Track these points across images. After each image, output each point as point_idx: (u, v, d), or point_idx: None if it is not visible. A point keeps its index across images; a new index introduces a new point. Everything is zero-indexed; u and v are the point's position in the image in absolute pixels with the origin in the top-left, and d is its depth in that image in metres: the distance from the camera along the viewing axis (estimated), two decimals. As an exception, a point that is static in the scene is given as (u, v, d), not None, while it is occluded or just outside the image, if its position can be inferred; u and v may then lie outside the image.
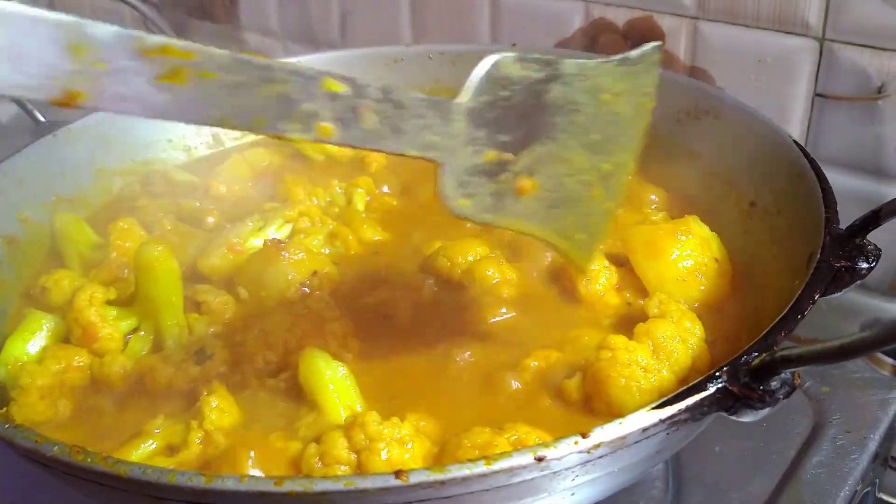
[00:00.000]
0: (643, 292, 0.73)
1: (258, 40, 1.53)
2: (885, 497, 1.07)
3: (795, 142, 0.75)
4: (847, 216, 0.63)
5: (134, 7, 1.01)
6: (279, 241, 0.74)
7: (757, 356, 0.52)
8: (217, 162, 0.96)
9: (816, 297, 0.57)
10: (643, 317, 0.68)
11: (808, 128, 1.01)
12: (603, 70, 0.59)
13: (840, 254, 0.61)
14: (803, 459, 0.79)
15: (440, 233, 0.80)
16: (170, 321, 0.70)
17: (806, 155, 0.73)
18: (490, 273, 0.73)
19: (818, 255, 0.61)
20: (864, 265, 0.60)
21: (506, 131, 0.55)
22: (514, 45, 1.01)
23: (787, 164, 0.75)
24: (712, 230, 0.78)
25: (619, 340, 0.63)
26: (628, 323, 0.68)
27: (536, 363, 0.67)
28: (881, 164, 0.97)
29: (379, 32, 1.35)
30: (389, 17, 1.32)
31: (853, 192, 1.00)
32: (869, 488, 0.83)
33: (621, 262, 0.75)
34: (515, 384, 0.66)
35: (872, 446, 0.81)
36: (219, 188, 0.88)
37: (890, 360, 1.04)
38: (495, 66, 0.54)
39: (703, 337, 0.67)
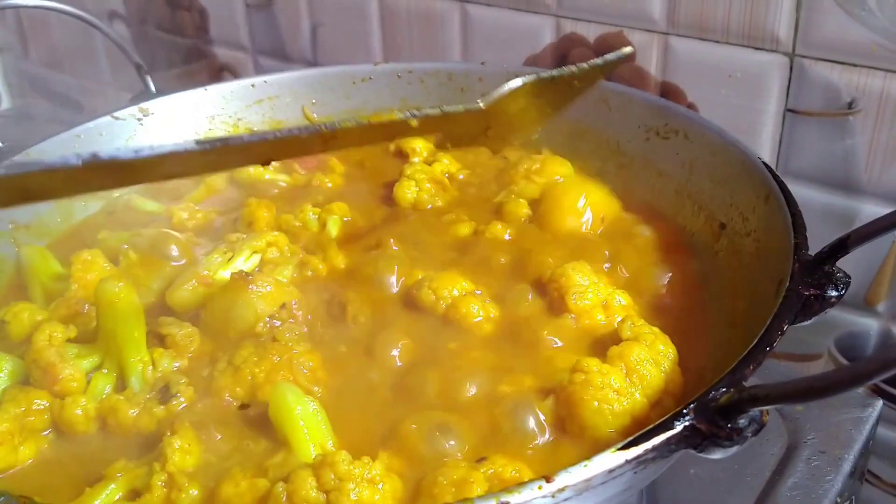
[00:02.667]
0: (626, 310, 0.74)
1: (228, 55, 1.52)
2: (863, 511, 1.08)
3: (765, 164, 0.75)
4: (818, 232, 0.64)
5: (97, 27, 0.99)
6: (247, 274, 0.73)
7: (725, 392, 0.51)
8: (181, 184, 0.95)
9: (785, 327, 0.57)
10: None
11: (780, 143, 1.01)
12: (580, 72, 0.74)
13: (809, 281, 0.61)
14: (778, 482, 0.79)
15: (417, 261, 0.80)
16: (133, 358, 0.69)
17: (775, 177, 0.73)
18: (475, 310, 0.73)
19: (787, 283, 0.61)
20: (834, 293, 0.60)
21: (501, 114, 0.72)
22: (483, 63, 1.01)
23: (756, 186, 0.75)
24: (683, 250, 0.79)
25: (591, 363, 0.63)
26: (604, 346, 0.68)
27: (510, 389, 0.66)
28: (852, 179, 0.98)
29: (350, 46, 1.34)
30: (360, 29, 1.32)
31: (824, 207, 1.00)
32: (846, 504, 0.84)
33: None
34: (489, 412, 0.65)
35: (847, 467, 0.81)
36: (181, 216, 0.87)
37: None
38: (520, 85, 0.70)
39: (676, 360, 0.67)
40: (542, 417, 0.64)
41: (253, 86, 1.02)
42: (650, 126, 0.89)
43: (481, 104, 0.70)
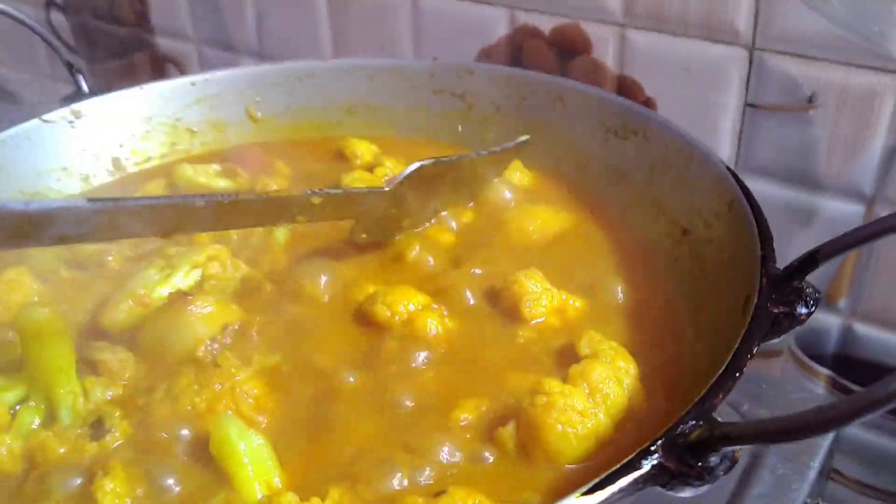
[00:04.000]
0: (581, 315, 0.71)
1: (170, 45, 1.45)
2: (826, 508, 1.06)
3: (729, 169, 0.71)
4: (778, 227, 0.62)
5: (28, 26, 0.92)
6: (185, 294, 0.68)
7: (695, 427, 0.48)
8: (117, 191, 0.89)
9: (755, 350, 0.54)
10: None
11: (739, 138, 0.98)
12: (484, 160, 0.81)
13: (777, 298, 0.58)
14: (743, 493, 0.76)
15: (371, 274, 0.75)
16: (62, 389, 0.63)
17: (740, 184, 0.69)
18: (432, 325, 0.69)
19: (755, 300, 0.58)
20: (804, 311, 0.57)
21: (413, 200, 0.75)
22: (435, 58, 0.96)
23: (720, 192, 0.71)
24: (643, 256, 0.76)
25: (553, 384, 0.60)
26: (563, 355, 0.66)
27: (467, 415, 0.62)
28: (813, 174, 0.95)
29: (297, 36, 1.28)
30: (307, 19, 1.25)
31: (785, 201, 0.98)
32: (814, 505, 0.82)
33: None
34: (446, 443, 0.61)
35: (812, 475, 0.78)
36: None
37: (824, 371, 1.03)
38: (417, 170, 0.73)
39: (637, 375, 0.64)
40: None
41: (193, 84, 0.96)
42: (608, 126, 0.86)
43: (385, 187, 0.72)
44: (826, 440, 0.82)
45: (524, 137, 0.84)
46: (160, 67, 1.45)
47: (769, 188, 0.98)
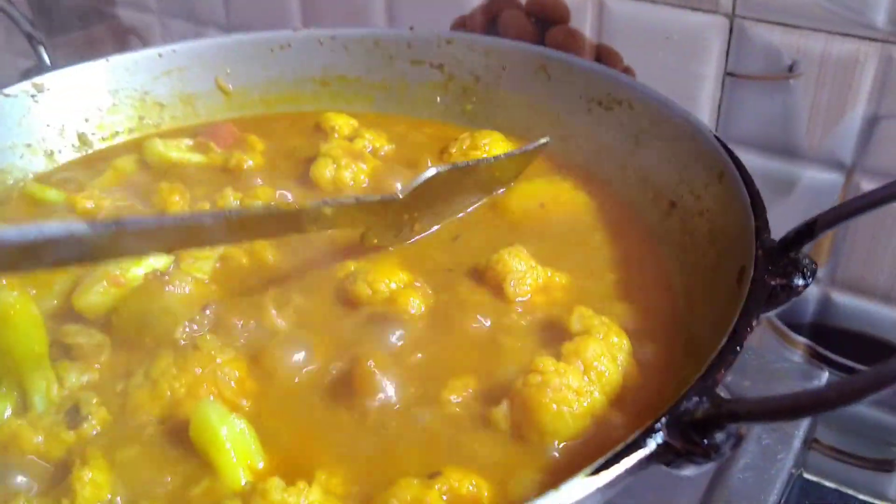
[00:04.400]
0: (567, 292, 0.70)
1: (133, 16, 1.39)
2: (809, 477, 1.07)
3: (718, 138, 0.70)
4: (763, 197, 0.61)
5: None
6: (162, 273, 0.65)
7: (699, 404, 0.46)
8: (84, 168, 0.85)
9: (755, 323, 0.53)
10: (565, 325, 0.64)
11: (719, 107, 0.97)
12: (502, 162, 0.78)
13: (773, 270, 0.57)
14: (730, 464, 0.75)
15: (350, 251, 0.73)
16: (35, 375, 0.60)
17: (729, 153, 0.68)
18: (414, 303, 0.67)
19: (751, 272, 0.56)
20: (801, 282, 0.56)
21: (423, 204, 0.72)
22: (412, 28, 0.93)
23: (707, 162, 0.70)
24: (631, 228, 0.75)
25: (547, 362, 0.58)
26: (551, 332, 0.65)
27: (457, 396, 0.61)
28: (793, 143, 0.94)
29: (265, 6, 1.24)
30: (276, -10, 1.21)
31: (765, 171, 0.97)
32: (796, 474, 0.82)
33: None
34: (438, 419, 0.59)
35: (797, 444, 0.78)
36: (85, 205, 0.78)
37: (802, 340, 1.03)
38: (434, 177, 0.70)
39: (631, 351, 0.63)
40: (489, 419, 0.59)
41: (160, 55, 0.92)
42: (592, 96, 0.84)
43: (399, 195, 0.70)
44: (811, 409, 0.82)
45: (544, 140, 0.81)
46: (122, 39, 1.40)
47: (749, 158, 0.96)
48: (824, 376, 0.86)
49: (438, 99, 0.92)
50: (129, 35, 1.40)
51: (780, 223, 0.97)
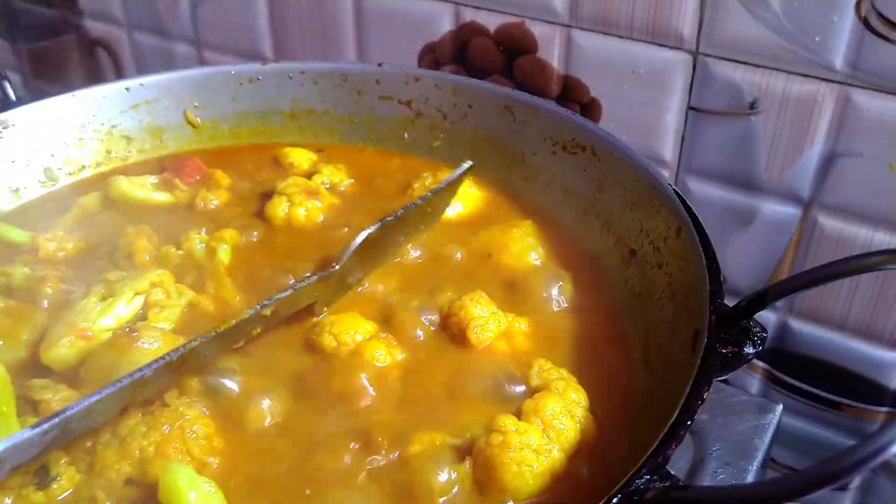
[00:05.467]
0: (528, 338, 0.72)
1: (100, 28, 1.38)
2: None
3: (677, 193, 0.71)
4: (718, 229, 0.62)
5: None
6: (131, 331, 0.66)
7: (650, 483, 0.48)
8: (50, 204, 0.85)
9: (705, 395, 0.54)
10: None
11: (682, 140, 0.98)
12: (430, 199, 0.80)
13: (726, 337, 0.58)
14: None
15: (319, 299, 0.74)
16: (1, 434, 0.60)
17: (688, 209, 0.69)
18: (380, 355, 0.68)
19: (704, 338, 0.58)
20: (751, 350, 0.58)
21: (364, 263, 0.75)
22: (381, 64, 0.93)
23: (667, 216, 0.71)
24: (595, 277, 0.76)
25: (507, 422, 0.61)
26: (512, 382, 0.67)
27: (421, 450, 0.62)
28: (753, 176, 0.96)
29: (234, 25, 1.23)
30: (244, 7, 1.21)
31: (725, 204, 0.99)
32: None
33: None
34: (405, 474, 0.61)
35: (750, 477, 0.81)
36: (48, 247, 0.78)
37: (761, 364, 1.06)
38: (365, 239, 0.73)
39: (588, 406, 0.65)
40: (454, 476, 0.60)
41: (127, 89, 0.92)
42: (556, 139, 0.85)
43: (336, 265, 0.72)
44: (764, 442, 0.84)
45: (467, 164, 0.83)
46: (89, 51, 1.38)
47: (710, 189, 0.99)
48: (778, 410, 0.89)
49: (406, 135, 0.93)
50: (97, 47, 1.38)
51: (740, 254, 1.00)
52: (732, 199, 0.98)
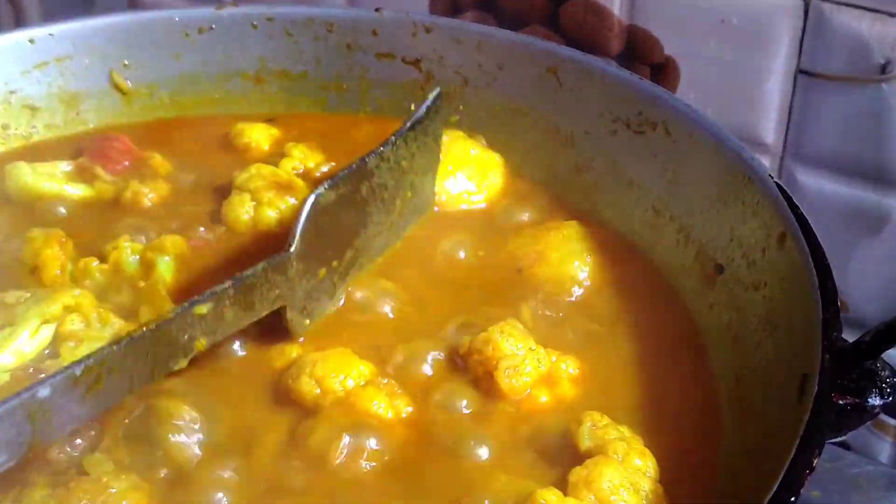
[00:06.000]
0: (578, 385, 0.73)
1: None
2: None
3: (780, 187, 0.72)
4: (839, 238, 0.62)
5: None
6: (37, 372, 0.68)
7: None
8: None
9: (815, 461, 0.56)
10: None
11: (789, 117, 1.00)
12: (398, 145, 0.83)
13: (844, 383, 0.59)
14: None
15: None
16: None
17: (794, 210, 0.71)
18: (379, 408, 0.69)
19: (815, 385, 0.59)
20: (878, 401, 0.59)
21: (332, 244, 0.78)
22: (379, 9, 0.95)
23: (766, 219, 0.73)
24: (665, 301, 0.78)
25: (551, 498, 0.61)
26: (556, 444, 0.68)
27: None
28: (884, 167, 0.97)
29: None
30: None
31: (846, 203, 1.00)
32: None
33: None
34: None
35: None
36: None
37: (893, 423, 1.07)
38: (314, 206, 0.75)
39: (657, 476, 0.66)
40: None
41: (31, 41, 0.94)
42: (617, 114, 0.87)
43: (289, 249, 0.74)
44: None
45: (435, 92, 0.85)
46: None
47: (825, 183, 1.00)
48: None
49: (413, 106, 0.94)
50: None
51: (865, 271, 1.01)
52: (855, 197, 0.99)
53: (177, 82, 1.00)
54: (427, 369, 0.74)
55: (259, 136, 0.95)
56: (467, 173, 0.90)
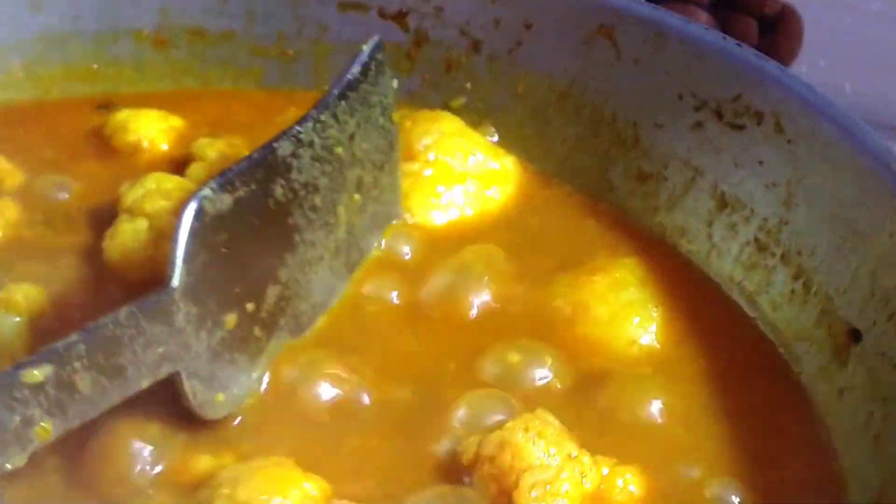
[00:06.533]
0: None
1: None
2: None
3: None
4: None
5: None
6: None
7: None
8: None
9: None
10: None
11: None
12: (325, 123, 0.85)
13: None
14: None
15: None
16: None
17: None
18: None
19: None
20: None
21: (240, 276, 0.79)
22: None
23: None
24: (773, 373, 0.82)
25: None
26: None
27: None
28: None
29: None
30: None
31: None
32: None
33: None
34: None
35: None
36: None
37: None
38: (198, 217, 0.74)
39: None
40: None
41: None
42: (704, 99, 0.89)
43: (173, 281, 0.73)
44: None
45: (373, 41, 0.88)
46: None
47: None
48: None
49: (395, 82, 0.97)
50: None
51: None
52: None
53: (33, 46, 1.03)
54: (411, 487, 0.76)
55: (152, 128, 0.97)
56: (464, 185, 0.93)
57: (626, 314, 0.85)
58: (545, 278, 0.88)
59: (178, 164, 0.94)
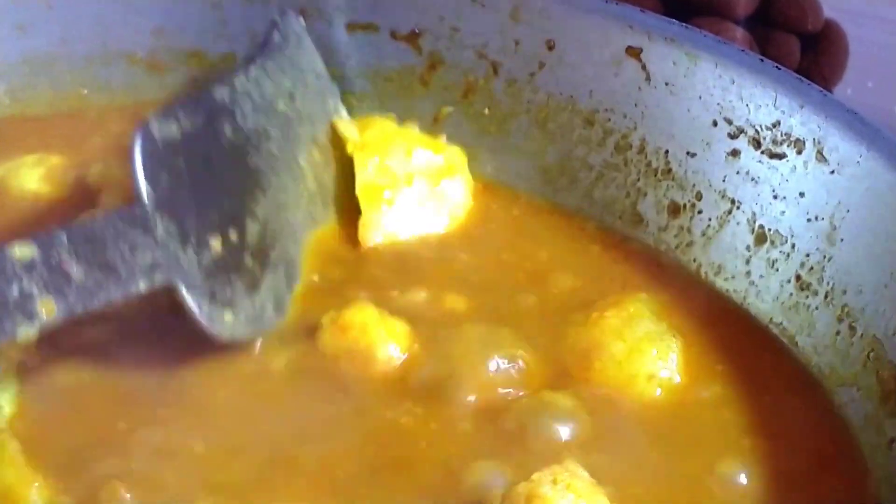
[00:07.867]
0: None
1: None
2: None
3: None
4: None
5: None
6: None
7: None
8: None
9: None
10: None
11: None
12: (258, 78, 0.94)
13: None
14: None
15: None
16: None
17: None
18: None
19: None
20: None
21: (211, 202, 0.87)
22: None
23: None
24: (817, 419, 0.81)
25: None
26: None
27: None
28: None
29: None
30: None
31: None
32: None
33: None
34: None
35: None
36: None
37: None
38: (147, 139, 0.81)
39: None
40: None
41: None
42: (741, 126, 0.89)
43: (143, 198, 0.80)
44: None
45: (282, 18, 0.96)
46: None
47: None
48: None
49: (405, 104, 0.96)
50: None
51: None
52: None
53: (20, 70, 1.04)
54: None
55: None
56: (423, 193, 0.94)
57: (644, 346, 0.85)
58: (560, 311, 0.89)
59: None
